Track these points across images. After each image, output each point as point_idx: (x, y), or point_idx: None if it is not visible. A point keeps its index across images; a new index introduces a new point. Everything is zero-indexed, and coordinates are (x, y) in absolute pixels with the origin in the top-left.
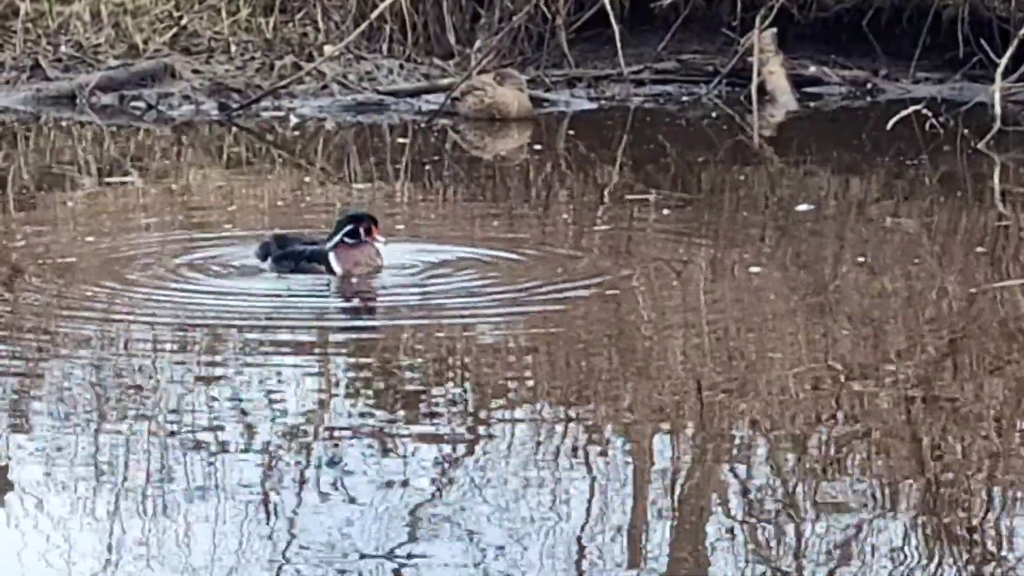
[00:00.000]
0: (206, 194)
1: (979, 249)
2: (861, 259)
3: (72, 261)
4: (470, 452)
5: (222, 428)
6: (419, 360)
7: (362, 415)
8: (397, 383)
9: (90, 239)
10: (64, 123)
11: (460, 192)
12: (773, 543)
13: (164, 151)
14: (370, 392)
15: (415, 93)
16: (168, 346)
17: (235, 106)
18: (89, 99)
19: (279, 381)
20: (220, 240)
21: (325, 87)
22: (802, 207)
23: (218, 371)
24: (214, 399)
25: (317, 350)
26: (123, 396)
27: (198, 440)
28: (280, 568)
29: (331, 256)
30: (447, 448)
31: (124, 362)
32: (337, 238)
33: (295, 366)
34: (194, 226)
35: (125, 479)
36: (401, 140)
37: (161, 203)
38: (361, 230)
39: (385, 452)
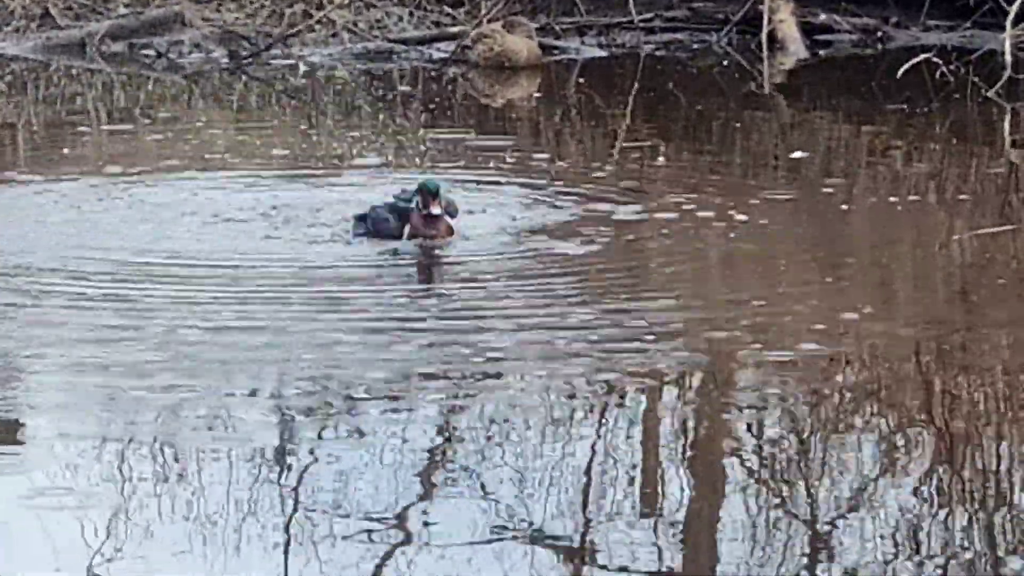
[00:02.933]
0: (208, 141)
1: (962, 196)
2: (846, 206)
3: (77, 209)
4: (481, 402)
5: (236, 381)
6: (429, 310)
7: (376, 363)
8: (408, 329)
9: (94, 183)
10: (74, 71)
11: (467, 138)
12: (786, 493)
13: (173, 99)
14: (383, 338)
15: (425, 41)
16: (181, 294)
17: (245, 54)
18: (99, 47)
19: (295, 331)
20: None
21: (335, 35)
22: (797, 154)
23: (233, 323)
24: (228, 351)
25: (334, 302)
26: (135, 347)
27: (211, 392)
28: (290, 519)
29: (410, 221)
30: (458, 398)
31: (138, 313)
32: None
33: (311, 319)
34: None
35: (137, 430)
36: (404, 88)
37: (161, 150)
38: (419, 201)
39: (395, 399)
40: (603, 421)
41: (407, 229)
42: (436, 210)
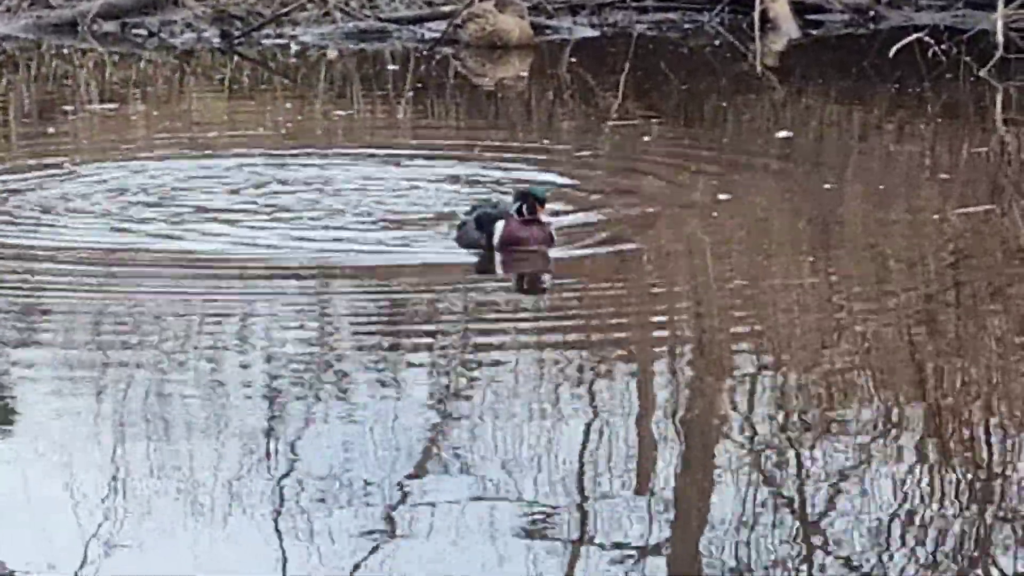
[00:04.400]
0: (189, 120)
1: (944, 175)
2: (829, 185)
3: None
4: (474, 381)
5: (226, 358)
6: (421, 292)
7: (367, 341)
8: (400, 315)
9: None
10: (66, 51)
11: (455, 118)
12: (776, 470)
13: (165, 78)
14: (373, 316)
15: (417, 20)
16: (172, 274)
17: (237, 34)
18: (91, 27)
19: (283, 315)
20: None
21: (327, 14)
22: (783, 133)
23: (223, 306)
24: (218, 332)
25: (316, 284)
26: (127, 326)
27: (201, 370)
28: (281, 493)
29: (497, 225)
30: (450, 376)
31: (128, 291)
32: (512, 211)
33: (301, 304)
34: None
35: (130, 406)
36: (392, 67)
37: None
38: (525, 207)
39: (388, 377)
40: (592, 400)
41: (498, 236)
42: (545, 217)
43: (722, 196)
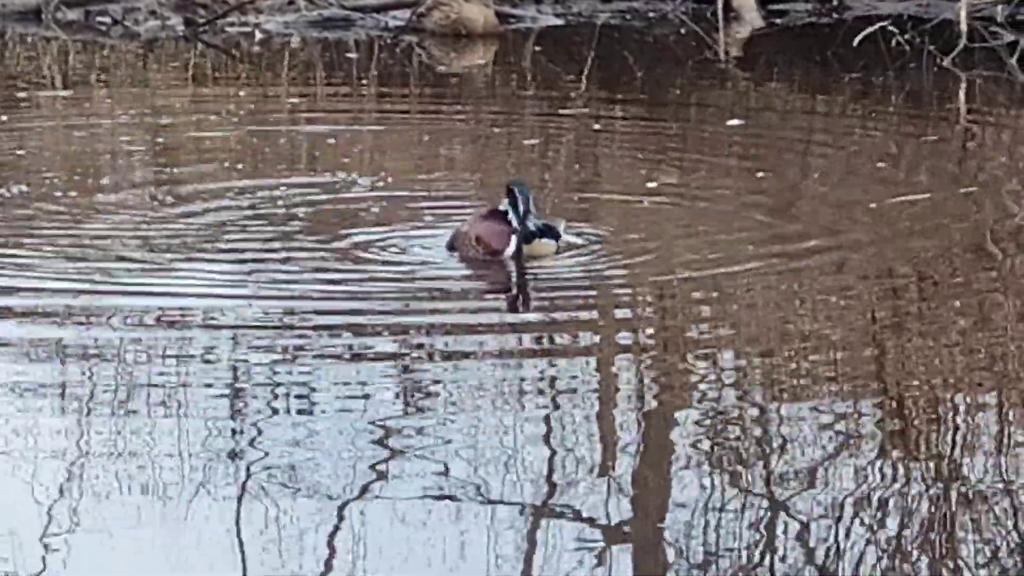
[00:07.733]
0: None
1: (880, 165)
2: (762, 174)
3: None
4: (437, 374)
5: (190, 348)
6: (378, 282)
7: (329, 333)
8: (356, 303)
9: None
10: (29, 39)
11: (412, 108)
12: (738, 460)
13: (128, 65)
14: (337, 308)
15: (381, 8)
16: (134, 259)
17: (201, 21)
18: (54, 14)
19: (245, 300)
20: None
21: (291, 2)
22: (733, 122)
23: (186, 292)
24: (180, 319)
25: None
26: (90, 311)
27: (164, 358)
28: (245, 482)
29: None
30: (413, 370)
31: (91, 278)
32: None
33: (255, 290)
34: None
35: (92, 393)
36: (352, 55)
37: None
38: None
39: (353, 372)
40: (553, 389)
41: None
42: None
43: (650, 184)
